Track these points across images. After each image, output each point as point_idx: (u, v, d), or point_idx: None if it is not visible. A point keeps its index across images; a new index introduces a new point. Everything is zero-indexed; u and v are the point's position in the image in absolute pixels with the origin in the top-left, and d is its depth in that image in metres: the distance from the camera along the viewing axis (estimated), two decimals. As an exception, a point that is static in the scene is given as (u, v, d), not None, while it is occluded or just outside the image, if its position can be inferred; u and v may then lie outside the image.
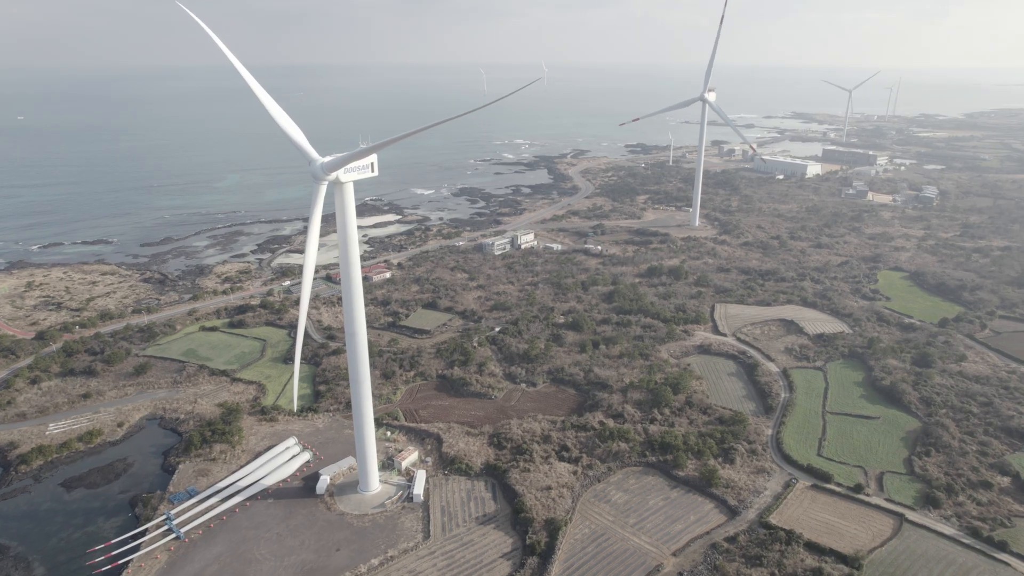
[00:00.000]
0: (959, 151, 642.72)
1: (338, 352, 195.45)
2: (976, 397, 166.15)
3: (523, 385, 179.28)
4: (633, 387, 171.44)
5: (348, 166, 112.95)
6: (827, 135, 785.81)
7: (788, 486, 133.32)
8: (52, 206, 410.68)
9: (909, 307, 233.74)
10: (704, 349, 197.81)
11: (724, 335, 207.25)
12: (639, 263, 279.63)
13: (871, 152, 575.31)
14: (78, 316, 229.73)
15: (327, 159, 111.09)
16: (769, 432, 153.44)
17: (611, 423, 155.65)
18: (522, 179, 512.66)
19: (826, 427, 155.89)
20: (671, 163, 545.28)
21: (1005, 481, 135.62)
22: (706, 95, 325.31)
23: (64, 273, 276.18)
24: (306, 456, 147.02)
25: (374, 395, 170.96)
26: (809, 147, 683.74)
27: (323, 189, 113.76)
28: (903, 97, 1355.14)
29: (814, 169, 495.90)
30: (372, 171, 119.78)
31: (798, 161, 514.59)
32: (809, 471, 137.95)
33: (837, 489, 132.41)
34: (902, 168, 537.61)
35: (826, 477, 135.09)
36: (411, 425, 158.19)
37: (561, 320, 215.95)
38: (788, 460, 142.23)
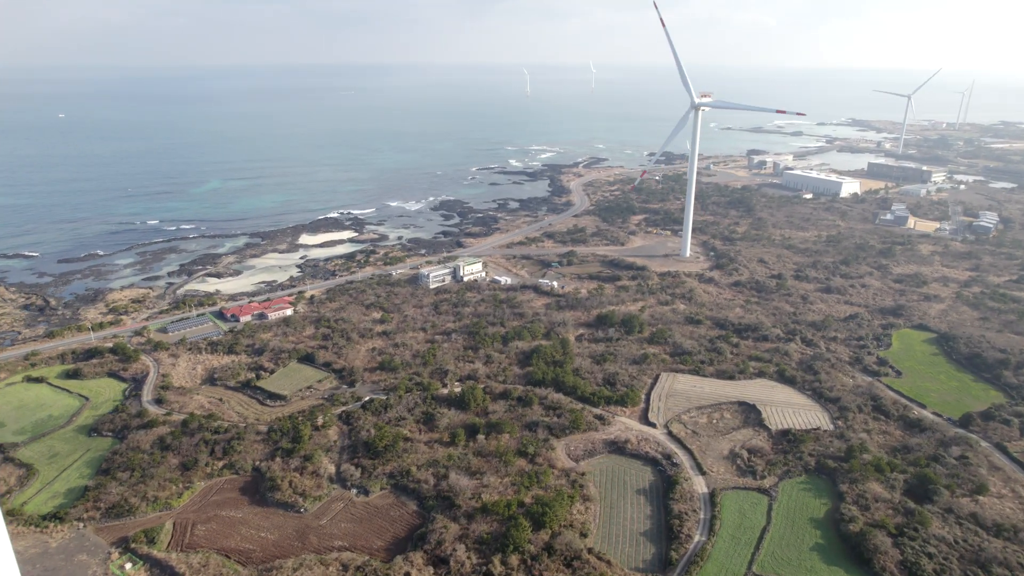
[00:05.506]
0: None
1: (152, 424, 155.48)
2: (992, 567, 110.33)
3: (354, 491, 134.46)
4: (486, 512, 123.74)
5: None
6: (882, 145, 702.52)
7: None
8: (13, 211, 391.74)
9: (924, 389, 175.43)
10: (618, 447, 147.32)
11: (653, 425, 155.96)
12: (591, 307, 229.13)
13: (925, 167, 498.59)
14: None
15: None
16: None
17: (427, 575, 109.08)
18: (518, 191, 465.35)
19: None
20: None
21: None
22: (699, 101, 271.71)
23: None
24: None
25: (149, 498, 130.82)
26: (857, 159, 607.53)
27: None
28: (980, 102, 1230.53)
29: (851, 187, 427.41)
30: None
31: (832, 178, 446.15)
32: None
33: None
34: (961, 187, 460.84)
35: None
36: (159, 556, 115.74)
37: (446, 391, 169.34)
38: None
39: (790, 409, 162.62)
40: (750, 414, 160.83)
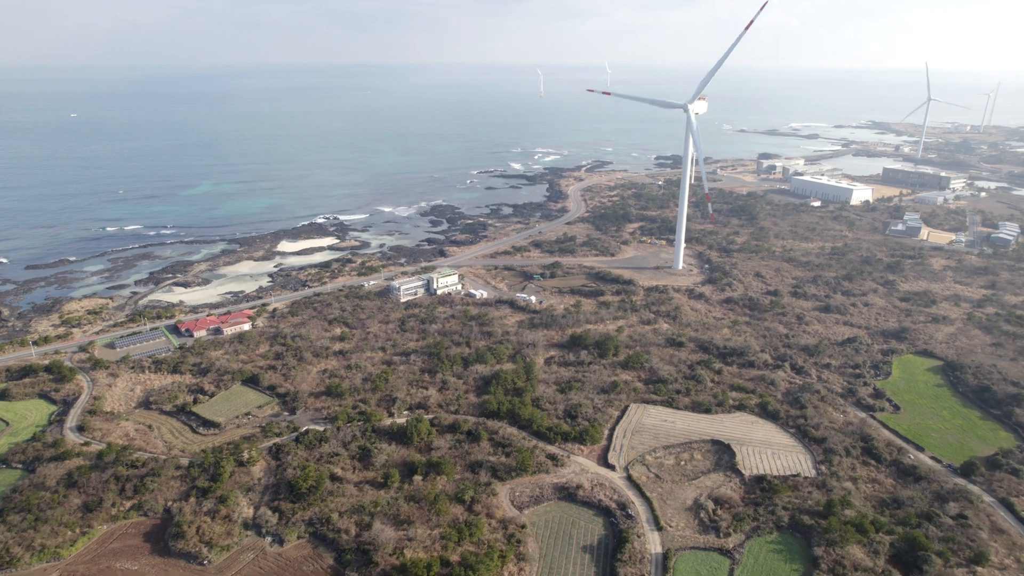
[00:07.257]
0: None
1: (66, 456, 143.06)
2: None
3: (268, 540, 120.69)
4: (404, 572, 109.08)
5: None
6: (900, 149, 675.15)
7: None
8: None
9: (924, 427, 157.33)
10: (568, 494, 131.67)
11: (612, 467, 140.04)
12: (566, 326, 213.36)
13: (944, 173, 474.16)
14: None
15: None
16: None
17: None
18: (514, 196, 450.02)
19: None
20: (692, 180, 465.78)
21: None
22: (691, 104, 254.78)
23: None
24: None
25: (35, 547, 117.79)
26: (874, 163, 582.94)
27: None
28: (1007, 104, 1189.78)
29: (862, 194, 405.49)
30: None
31: (843, 184, 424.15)
32: None
33: None
34: (982, 194, 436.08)
35: None
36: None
37: (388, 422, 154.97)
38: None
39: (768, 451, 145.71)
40: (723, 455, 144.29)
